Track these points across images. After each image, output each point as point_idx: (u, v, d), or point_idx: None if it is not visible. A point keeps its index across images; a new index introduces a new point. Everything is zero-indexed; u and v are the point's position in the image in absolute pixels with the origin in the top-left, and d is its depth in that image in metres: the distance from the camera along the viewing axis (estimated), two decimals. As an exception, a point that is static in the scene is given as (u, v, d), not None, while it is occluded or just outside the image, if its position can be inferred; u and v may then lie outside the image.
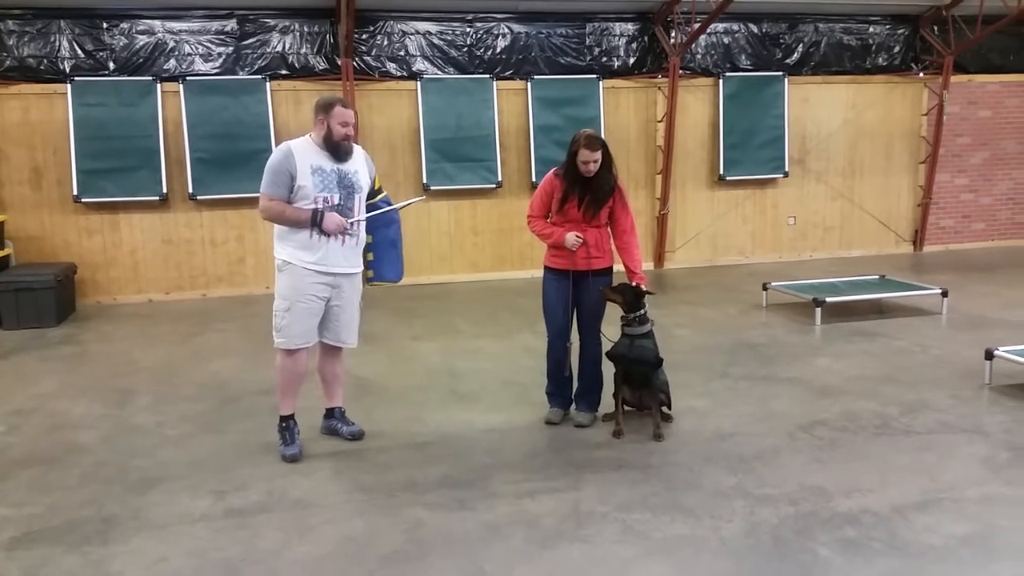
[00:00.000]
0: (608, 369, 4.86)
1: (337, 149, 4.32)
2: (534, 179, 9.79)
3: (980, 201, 11.69)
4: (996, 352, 5.54)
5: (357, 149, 4.55)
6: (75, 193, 8.75)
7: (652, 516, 3.70)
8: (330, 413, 4.84)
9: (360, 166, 4.48)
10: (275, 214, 4.31)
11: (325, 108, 4.30)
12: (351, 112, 4.34)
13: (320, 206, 4.28)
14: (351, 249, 4.45)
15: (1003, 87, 11.43)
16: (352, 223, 4.39)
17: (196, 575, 3.30)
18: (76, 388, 5.92)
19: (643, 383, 4.76)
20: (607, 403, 4.95)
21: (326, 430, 4.83)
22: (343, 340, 4.62)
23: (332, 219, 4.27)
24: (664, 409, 4.86)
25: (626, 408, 4.86)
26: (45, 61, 8.75)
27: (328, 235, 4.30)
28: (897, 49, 11.06)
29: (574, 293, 4.76)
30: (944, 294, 7.64)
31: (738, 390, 5.53)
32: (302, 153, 4.29)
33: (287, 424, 4.56)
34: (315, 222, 4.26)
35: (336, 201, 4.33)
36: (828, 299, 7.37)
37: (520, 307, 8.30)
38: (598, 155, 4.52)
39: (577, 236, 4.61)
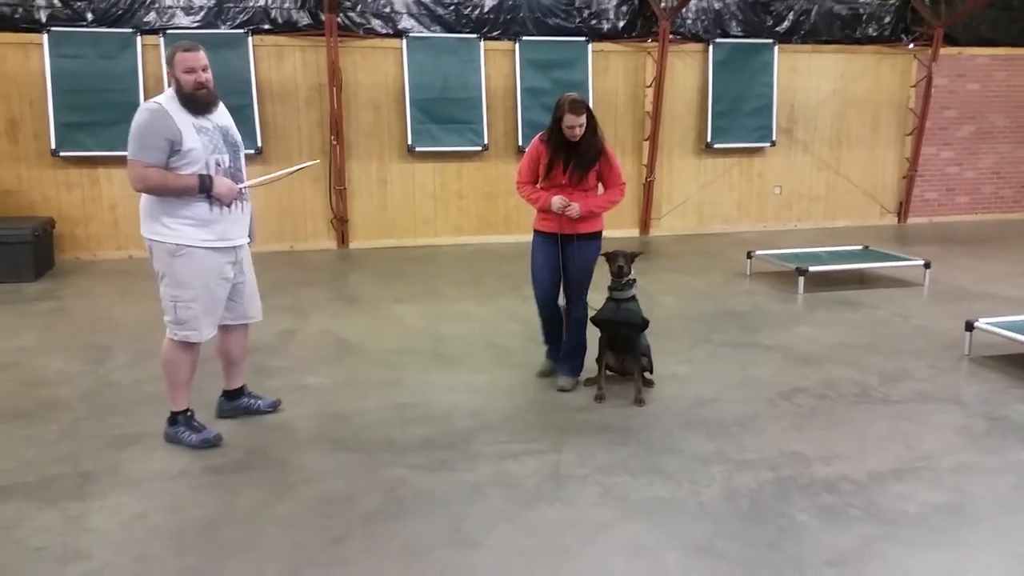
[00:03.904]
0: (592, 334, 4.86)
1: (194, 101, 3.79)
2: (520, 143, 9.70)
3: (965, 174, 11.72)
4: (976, 324, 5.57)
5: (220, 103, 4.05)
6: (53, 147, 8.59)
7: (631, 479, 3.72)
8: (237, 392, 4.49)
9: (231, 121, 4.07)
10: (155, 183, 3.75)
11: (169, 61, 3.79)
12: (195, 54, 3.77)
13: (212, 171, 3.83)
14: (243, 216, 4.05)
15: (992, 60, 11.41)
16: (243, 188, 3.97)
17: (174, 531, 3.28)
18: (54, 344, 5.85)
19: (627, 347, 4.78)
20: (589, 368, 4.96)
21: (234, 411, 4.45)
22: (250, 315, 4.30)
23: (223, 184, 3.83)
24: (646, 374, 4.88)
25: (608, 373, 4.88)
26: (20, 10, 8.51)
27: (224, 204, 3.86)
28: (887, 19, 10.98)
29: (561, 256, 4.75)
30: (927, 266, 7.68)
31: (720, 357, 5.54)
32: (177, 112, 3.77)
33: (189, 414, 4.15)
34: (204, 189, 3.78)
35: (227, 163, 3.91)
36: (811, 268, 7.40)
37: (505, 271, 8.27)
38: (583, 119, 4.47)
39: (563, 199, 4.58)
